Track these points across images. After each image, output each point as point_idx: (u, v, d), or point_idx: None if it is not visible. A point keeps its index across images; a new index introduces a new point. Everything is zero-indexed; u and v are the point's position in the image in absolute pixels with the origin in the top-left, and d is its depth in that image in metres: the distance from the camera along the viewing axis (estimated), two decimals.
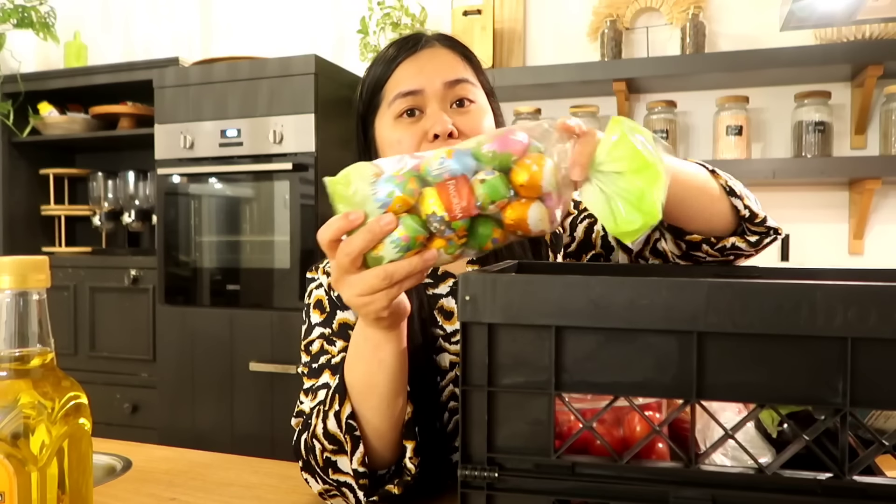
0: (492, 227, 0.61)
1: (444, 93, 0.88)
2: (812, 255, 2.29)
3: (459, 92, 0.89)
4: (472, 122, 0.88)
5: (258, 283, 2.40)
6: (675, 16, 2.37)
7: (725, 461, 0.62)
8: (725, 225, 0.81)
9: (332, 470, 0.79)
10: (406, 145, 0.87)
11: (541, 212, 0.59)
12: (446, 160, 0.60)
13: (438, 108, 0.87)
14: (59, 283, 2.72)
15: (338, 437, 0.77)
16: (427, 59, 0.90)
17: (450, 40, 0.94)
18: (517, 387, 0.54)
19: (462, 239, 0.61)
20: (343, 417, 0.76)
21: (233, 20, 3.00)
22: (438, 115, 0.86)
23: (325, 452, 0.78)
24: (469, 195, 0.58)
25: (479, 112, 0.90)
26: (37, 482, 0.53)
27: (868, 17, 1.94)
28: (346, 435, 0.76)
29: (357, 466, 0.76)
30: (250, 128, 2.37)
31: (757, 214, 0.80)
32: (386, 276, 0.61)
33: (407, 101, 0.88)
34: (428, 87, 0.88)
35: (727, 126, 2.23)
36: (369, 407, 0.76)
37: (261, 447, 2.31)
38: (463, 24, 2.52)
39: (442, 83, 0.88)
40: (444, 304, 0.93)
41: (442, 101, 0.88)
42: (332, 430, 0.77)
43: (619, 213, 0.57)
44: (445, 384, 0.91)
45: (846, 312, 0.47)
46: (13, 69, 2.86)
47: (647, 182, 0.56)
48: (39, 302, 0.56)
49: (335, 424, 0.77)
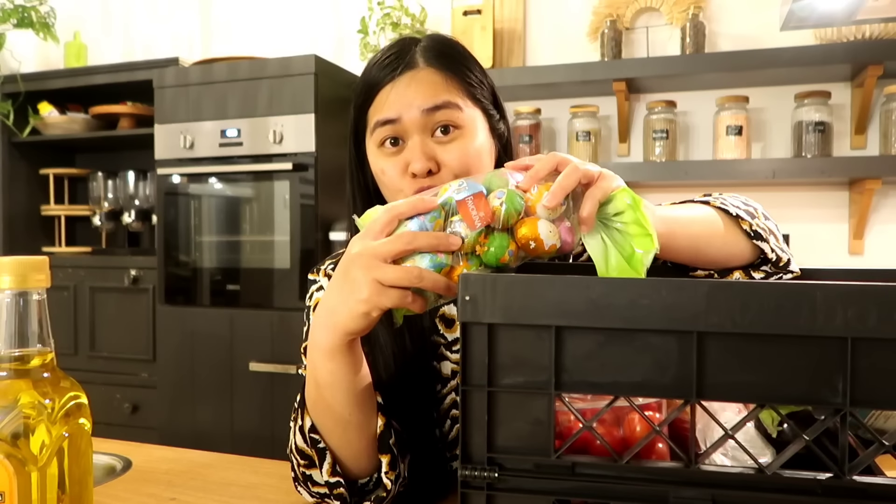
0: (508, 238, 0.65)
1: (424, 120, 0.82)
2: (812, 255, 2.29)
3: (440, 118, 0.83)
4: (456, 153, 0.82)
5: (258, 283, 2.40)
6: (675, 16, 2.37)
7: (725, 461, 0.62)
8: (739, 263, 0.80)
9: (311, 483, 0.79)
10: (390, 175, 0.84)
11: (549, 226, 0.64)
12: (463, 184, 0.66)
13: (419, 138, 0.82)
14: (59, 283, 2.72)
15: (306, 452, 0.77)
16: (406, 83, 0.83)
17: (438, 54, 0.86)
18: (517, 387, 0.54)
19: (483, 247, 0.64)
20: (306, 431, 0.76)
21: (233, 20, 3.00)
22: (417, 152, 0.81)
23: (300, 467, 0.79)
24: (486, 206, 0.64)
25: (463, 141, 0.83)
26: (37, 482, 0.53)
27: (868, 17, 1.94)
28: (312, 448, 0.76)
29: (327, 478, 0.76)
30: (250, 128, 2.37)
31: (781, 259, 0.80)
32: (418, 275, 0.62)
33: (386, 129, 0.83)
34: (406, 115, 0.82)
35: (727, 126, 2.23)
36: (327, 420, 0.75)
37: (261, 447, 2.31)
38: (463, 24, 2.52)
39: (420, 110, 0.82)
40: (446, 312, 0.92)
41: (422, 129, 0.83)
42: (300, 446, 0.78)
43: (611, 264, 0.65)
44: (447, 392, 0.90)
45: (846, 312, 0.47)
46: (13, 69, 2.87)
47: (643, 248, 0.63)
48: (39, 302, 0.56)
49: (301, 439, 0.77)
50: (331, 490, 0.77)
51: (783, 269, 0.80)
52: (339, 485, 0.76)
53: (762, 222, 0.80)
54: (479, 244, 0.64)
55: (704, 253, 0.77)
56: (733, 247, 0.79)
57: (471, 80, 0.87)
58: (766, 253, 0.78)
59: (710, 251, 0.77)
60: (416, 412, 0.85)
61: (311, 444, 0.76)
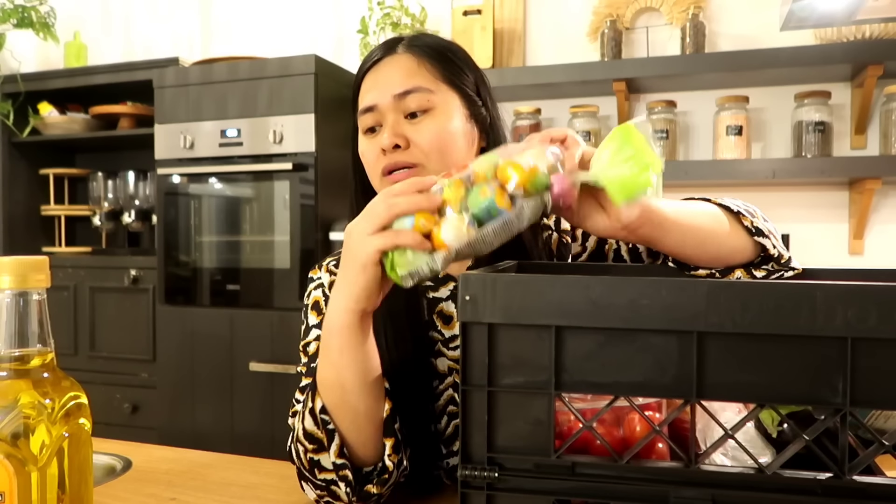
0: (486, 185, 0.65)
1: (396, 104, 0.87)
2: (812, 255, 2.29)
3: (410, 103, 0.86)
4: (426, 132, 0.86)
5: (258, 283, 2.40)
6: (675, 16, 2.37)
7: (725, 461, 0.62)
8: (740, 261, 0.80)
9: (318, 469, 0.79)
10: (367, 158, 0.89)
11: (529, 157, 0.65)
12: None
13: (392, 121, 0.87)
14: (59, 283, 2.72)
15: (316, 435, 0.77)
16: (382, 70, 0.89)
17: (419, 42, 0.90)
18: (517, 387, 0.54)
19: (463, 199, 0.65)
20: (317, 411, 0.77)
21: (233, 20, 3.00)
22: (387, 129, 0.87)
23: (307, 453, 0.79)
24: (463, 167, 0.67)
25: (434, 120, 0.86)
26: (37, 482, 0.53)
27: (868, 17, 1.94)
28: (322, 429, 0.77)
29: (335, 458, 0.76)
30: (250, 128, 2.37)
31: (783, 256, 0.80)
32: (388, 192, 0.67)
33: (367, 117, 0.89)
34: (380, 102, 0.87)
35: (727, 126, 2.23)
36: (337, 399, 0.76)
37: (261, 447, 2.31)
38: (463, 24, 2.52)
39: (392, 95, 0.87)
40: (444, 308, 0.92)
41: (396, 112, 0.87)
42: (309, 429, 0.78)
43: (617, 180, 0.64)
44: (444, 388, 0.91)
45: (846, 312, 0.47)
46: (13, 69, 2.87)
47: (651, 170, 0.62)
48: (39, 302, 0.56)
49: (311, 422, 0.77)
50: (337, 471, 0.77)
51: (785, 267, 0.80)
52: (345, 466, 0.77)
53: (761, 223, 0.80)
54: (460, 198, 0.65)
55: (706, 246, 0.77)
56: (735, 242, 0.79)
57: (449, 66, 0.90)
58: (768, 249, 0.78)
59: (712, 245, 0.77)
60: (413, 408, 0.85)
61: (322, 425, 0.76)
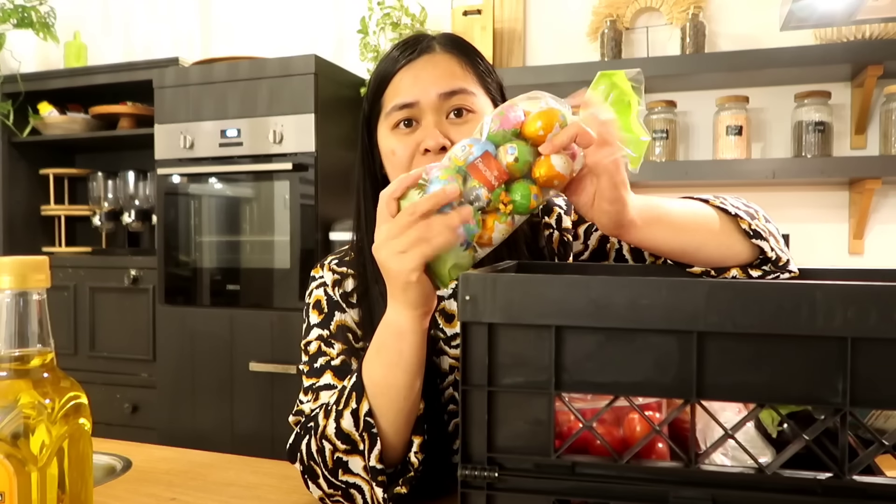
0: (528, 185, 0.67)
1: (440, 104, 0.86)
2: (812, 255, 2.29)
3: (455, 102, 0.87)
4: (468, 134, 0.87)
5: (258, 283, 2.40)
6: (675, 16, 2.37)
7: (725, 461, 0.62)
8: (736, 263, 0.80)
9: (343, 471, 0.78)
10: (399, 156, 0.87)
11: (562, 158, 0.67)
12: (467, 148, 0.68)
13: (433, 120, 0.86)
14: (59, 283, 2.72)
15: (352, 437, 0.77)
16: (423, 67, 0.88)
17: (453, 43, 0.91)
18: (517, 386, 0.54)
19: (508, 206, 0.67)
20: (361, 414, 0.76)
21: (233, 20, 3.00)
22: (431, 130, 0.85)
23: (336, 453, 0.78)
24: (497, 165, 0.66)
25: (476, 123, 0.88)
26: (37, 482, 0.53)
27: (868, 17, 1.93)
28: (364, 433, 0.76)
29: (375, 463, 0.76)
30: (250, 128, 2.37)
31: (781, 258, 0.80)
32: (412, 210, 0.65)
33: (403, 112, 0.87)
34: (423, 99, 0.86)
35: (727, 126, 2.23)
36: (387, 402, 0.75)
37: (261, 447, 2.31)
38: (463, 24, 2.52)
39: (437, 94, 0.86)
40: (447, 307, 0.92)
41: (437, 112, 0.86)
42: (346, 430, 0.77)
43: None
44: (445, 387, 0.91)
45: (846, 312, 0.47)
46: (13, 69, 2.87)
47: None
48: (39, 302, 0.56)
49: (351, 423, 0.76)
50: (374, 477, 0.76)
51: (782, 269, 0.80)
52: (383, 472, 0.76)
53: (762, 224, 0.80)
54: (502, 202, 0.67)
55: (695, 251, 0.77)
56: (728, 248, 0.79)
57: (482, 71, 0.92)
58: (766, 252, 0.78)
59: (702, 249, 0.77)
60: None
61: (365, 428, 0.76)
